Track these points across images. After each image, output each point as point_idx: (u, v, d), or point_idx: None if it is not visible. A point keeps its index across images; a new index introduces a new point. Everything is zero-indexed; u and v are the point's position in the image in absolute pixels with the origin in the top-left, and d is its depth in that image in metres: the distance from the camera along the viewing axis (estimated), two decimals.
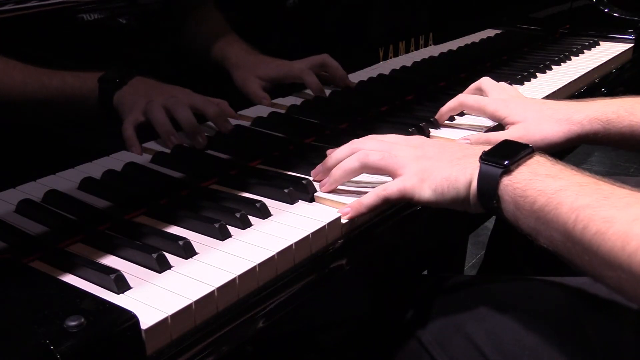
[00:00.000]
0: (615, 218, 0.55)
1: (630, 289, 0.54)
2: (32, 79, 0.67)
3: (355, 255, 0.72)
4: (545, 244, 0.63)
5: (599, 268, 0.57)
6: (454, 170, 0.70)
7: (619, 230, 0.54)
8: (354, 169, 0.75)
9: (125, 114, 0.77)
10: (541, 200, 0.62)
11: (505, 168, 0.66)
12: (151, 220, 0.71)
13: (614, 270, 0.54)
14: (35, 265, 0.62)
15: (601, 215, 0.56)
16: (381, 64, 1.12)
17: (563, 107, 0.93)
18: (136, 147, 0.80)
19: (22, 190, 0.71)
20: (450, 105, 0.99)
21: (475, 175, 0.68)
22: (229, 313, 0.59)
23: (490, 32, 1.42)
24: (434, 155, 0.73)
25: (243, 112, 0.94)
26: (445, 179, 0.70)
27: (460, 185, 0.70)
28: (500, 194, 0.66)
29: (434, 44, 1.22)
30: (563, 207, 0.59)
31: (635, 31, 1.57)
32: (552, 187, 0.62)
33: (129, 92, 0.76)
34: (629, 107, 0.90)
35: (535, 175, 0.64)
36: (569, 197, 0.60)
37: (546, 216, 0.61)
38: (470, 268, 2.03)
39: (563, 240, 0.60)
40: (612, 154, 3.08)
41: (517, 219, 0.65)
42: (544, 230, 0.62)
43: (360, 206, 0.72)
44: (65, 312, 0.50)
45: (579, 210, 0.58)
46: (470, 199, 0.70)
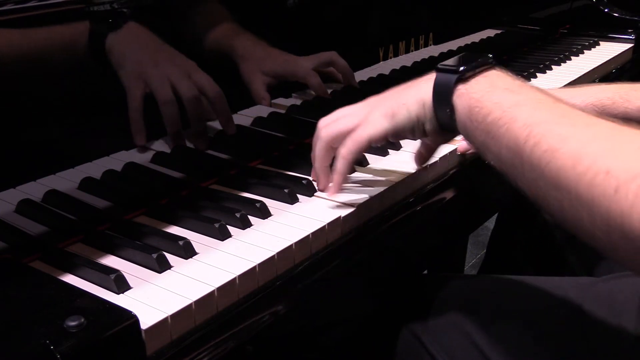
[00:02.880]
0: (571, 136, 0.52)
1: (571, 210, 0.51)
2: (16, 35, 0.63)
3: (356, 255, 0.72)
4: (492, 160, 0.61)
5: (543, 188, 0.54)
6: (405, 92, 0.69)
7: (572, 148, 0.51)
8: (323, 148, 0.73)
9: (125, 72, 0.72)
10: (495, 113, 0.59)
11: (460, 74, 0.64)
12: (151, 220, 0.71)
13: (558, 191, 0.51)
14: (35, 265, 0.62)
15: (556, 132, 0.53)
16: (381, 64, 1.12)
17: (557, 93, 0.93)
18: (141, 134, 0.77)
19: (22, 190, 0.71)
20: None
21: (429, 90, 0.66)
22: (229, 313, 0.59)
23: (490, 32, 1.42)
24: (385, 95, 0.72)
25: (243, 112, 0.94)
26: (395, 102, 0.69)
27: (412, 102, 0.68)
28: (454, 102, 0.64)
29: (434, 44, 1.22)
30: (517, 122, 0.57)
31: (635, 31, 1.57)
32: (509, 101, 0.59)
33: (125, 39, 0.71)
34: (624, 94, 0.90)
35: (493, 88, 0.62)
36: (524, 112, 0.57)
37: (498, 130, 0.58)
38: (470, 268, 2.03)
39: (511, 157, 0.57)
40: None
41: (468, 130, 0.63)
42: (493, 146, 0.59)
43: (337, 175, 0.71)
44: (65, 312, 0.50)
45: (532, 126, 0.55)
46: (425, 115, 0.67)
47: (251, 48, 0.89)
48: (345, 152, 0.71)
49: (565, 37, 1.63)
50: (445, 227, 0.90)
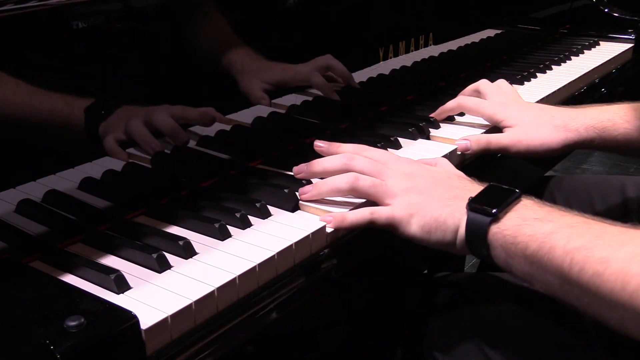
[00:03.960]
0: (612, 258, 0.54)
1: (634, 327, 0.54)
2: (22, 100, 0.66)
3: (356, 255, 0.72)
4: (541, 288, 0.62)
5: (599, 309, 0.56)
6: (444, 212, 0.69)
7: (616, 270, 0.53)
8: (341, 190, 0.73)
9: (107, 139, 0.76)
10: (533, 246, 0.61)
11: (493, 216, 0.65)
12: (151, 220, 0.71)
13: (615, 311, 0.54)
14: (35, 265, 0.62)
15: (597, 256, 0.55)
16: (381, 64, 1.12)
17: (560, 113, 0.94)
18: (121, 154, 0.77)
19: (22, 190, 0.71)
20: (449, 106, 0.99)
21: (463, 221, 0.67)
22: (229, 313, 0.59)
23: (490, 32, 1.42)
24: (424, 189, 0.71)
25: (243, 112, 0.94)
26: (434, 219, 0.69)
27: (448, 229, 0.69)
28: (489, 242, 0.65)
29: (434, 44, 1.22)
30: (556, 251, 0.59)
31: (635, 31, 1.57)
32: (543, 231, 0.61)
33: (113, 123, 0.74)
34: (624, 115, 0.91)
35: (524, 220, 0.63)
36: (561, 239, 0.59)
37: (540, 261, 0.60)
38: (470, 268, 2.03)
39: (560, 283, 0.59)
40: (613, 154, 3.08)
41: (510, 265, 0.65)
42: (539, 275, 0.61)
43: (344, 221, 0.70)
44: (65, 312, 0.50)
45: (573, 252, 0.57)
46: (456, 243, 0.69)
47: (249, 63, 0.90)
48: (373, 218, 0.70)
49: (565, 37, 1.63)
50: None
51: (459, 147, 0.90)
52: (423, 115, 1.01)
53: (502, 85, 1.04)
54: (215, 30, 0.88)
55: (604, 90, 1.35)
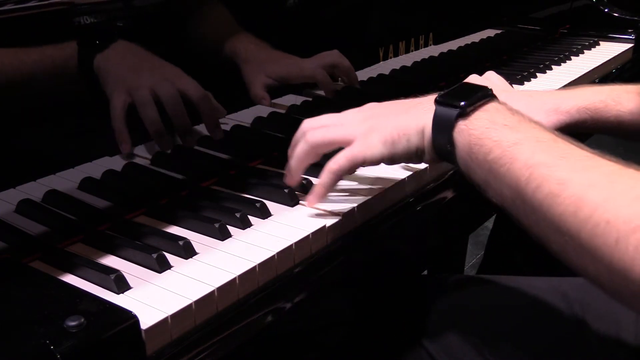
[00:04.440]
0: (571, 181, 0.52)
1: (575, 255, 0.52)
2: (7, 57, 0.64)
3: (356, 255, 0.72)
4: (493, 197, 0.60)
5: (545, 230, 0.54)
6: (404, 117, 0.67)
7: (573, 194, 0.51)
8: (305, 151, 0.71)
9: (110, 86, 0.72)
10: (496, 152, 0.58)
11: (461, 109, 0.62)
12: (151, 220, 0.71)
13: (561, 235, 0.52)
14: (35, 265, 0.62)
15: (556, 176, 0.53)
16: (381, 64, 1.12)
17: (550, 97, 0.93)
18: (126, 142, 0.75)
19: (22, 190, 0.71)
20: None
21: (429, 119, 0.65)
22: (229, 313, 0.59)
23: (490, 32, 1.42)
24: (382, 112, 0.70)
25: (243, 112, 0.94)
26: (395, 127, 0.67)
27: (412, 132, 0.66)
28: (454, 138, 0.63)
29: (434, 44, 1.22)
30: (517, 163, 0.56)
31: (635, 31, 1.57)
32: (509, 140, 0.58)
33: (111, 57, 0.71)
34: (616, 97, 0.90)
35: (493, 124, 0.61)
36: (525, 152, 0.56)
37: (499, 169, 0.58)
38: (470, 268, 2.03)
39: (513, 196, 0.57)
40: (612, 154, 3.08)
41: (469, 167, 0.62)
42: (495, 184, 0.59)
43: (319, 187, 0.69)
44: (65, 312, 0.50)
45: (533, 167, 0.55)
46: (424, 146, 0.66)
47: (254, 51, 0.89)
48: (336, 167, 0.69)
49: (565, 37, 1.63)
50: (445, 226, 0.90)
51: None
52: None
53: (490, 77, 1.04)
54: (217, 21, 0.87)
55: None
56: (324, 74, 0.98)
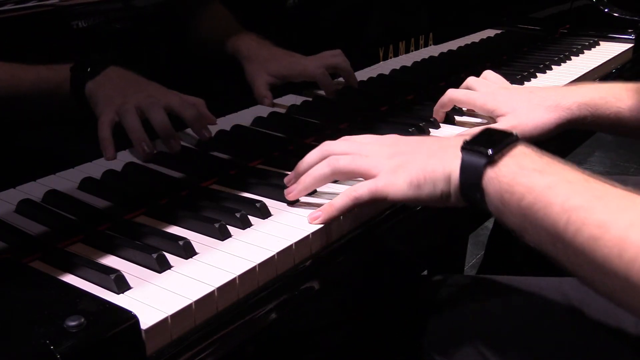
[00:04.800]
0: (611, 222, 0.52)
1: (624, 296, 0.52)
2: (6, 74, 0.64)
3: (357, 255, 0.72)
4: (531, 241, 0.60)
5: (591, 273, 0.54)
6: (431, 161, 0.66)
7: (615, 236, 0.51)
8: (324, 174, 0.71)
9: (99, 108, 0.73)
10: (529, 198, 0.58)
11: (489, 158, 0.61)
12: (151, 220, 0.71)
13: (608, 278, 0.52)
14: (35, 265, 0.62)
15: (595, 219, 0.53)
16: (381, 64, 1.12)
17: (551, 93, 0.93)
18: (110, 149, 0.76)
19: (22, 190, 0.71)
20: (442, 101, 0.99)
21: (456, 166, 0.64)
22: (229, 313, 0.59)
23: (490, 32, 1.42)
24: (408, 150, 0.69)
25: (243, 112, 0.94)
26: (422, 170, 0.66)
27: (439, 177, 0.65)
28: (484, 186, 0.62)
29: (434, 44, 1.22)
30: (553, 207, 0.56)
31: (635, 31, 1.57)
32: (541, 184, 0.58)
33: (102, 83, 0.72)
34: (616, 93, 0.90)
35: (522, 169, 0.60)
36: (559, 196, 0.56)
37: (534, 215, 0.58)
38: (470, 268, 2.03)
39: (552, 240, 0.57)
40: (612, 154, 3.08)
41: (502, 214, 0.62)
42: (532, 229, 0.59)
43: (332, 208, 0.68)
44: (65, 312, 0.50)
45: (570, 211, 0.55)
46: (450, 192, 0.66)
47: (256, 49, 0.89)
48: (356, 195, 0.68)
49: (565, 37, 1.63)
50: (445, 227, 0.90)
51: None
52: (423, 115, 1.01)
53: (488, 75, 1.04)
54: (219, 20, 0.87)
55: None
56: (325, 75, 0.98)
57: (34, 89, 0.67)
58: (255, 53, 0.88)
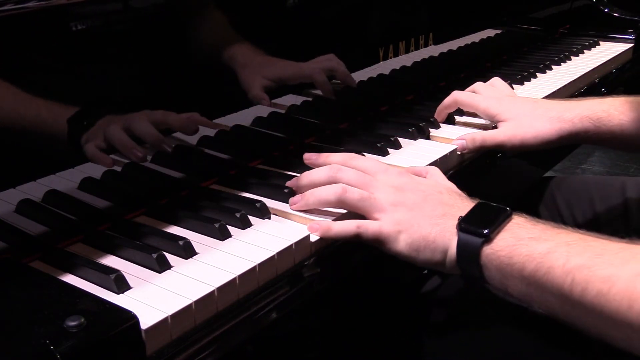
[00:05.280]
0: (616, 276, 0.53)
1: None
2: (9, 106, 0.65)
3: (356, 255, 0.72)
4: (540, 308, 0.61)
5: (604, 329, 0.55)
6: (433, 231, 0.67)
7: (622, 289, 0.52)
8: (329, 201, 0.71)
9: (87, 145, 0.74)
10: (530, 266, 0.59)
11: (486, 237, 0.63)
12: (151, 220, 0.71)
13: (622, 330, 0.53)
14: (35, 265, 0.62)
15: (599, 275, 0.54)
16: (381, 64, 1.12)
17: (555, 105, 0.94)
18: (104, 160, 0.75)
19: (22, 190, 0.71)
20: (446, 103, 1.00)
21: (453, 242, 0.65)
22: (229, 313, 0.59)
23: (490, 32, 1.42)
24: (414, 205, 0.69)
25: (243, 112, 0.94)
26: (423, 237, 0.67)
27: (437, 248, 0.66)
28: (482, 263, 0.63)
29: (434, 44, 1.22)
30: (556, 271, 0.57)
31: (635, 31, 1.57)
32: (539, 251, 0.59)
33: (95, 131, 0.73)
34: (619, 106, 0.91)
35: (519, 240, 0.61)
36: (560, 259, 0.57)
37: (538, 281, 0.59)
38: None
39: (561, 303, 0.58)
40: (612, 154, 3.08)
41: (506, 286, 0.63)
42: (538, 296, 0.60)
43: (329, 231, 0.68)
44: (65, 312, 0.50)
45: (573, 271, 0.56)
46: (446, 263, 0.67)
47: (251, 56, 0.89)
48: (360, 234, 0.68)
49: (565, 37, 1.63)
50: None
51: (459, 147, 0.90)
52: (423, 115, 1.01)
53: (495, 82, 1.05)
54: (215, 26, 0.88)
55: (604, 90, 1.35)
56: (321, 75, 0.98)
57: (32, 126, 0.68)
58: (250, 60, 0.89)
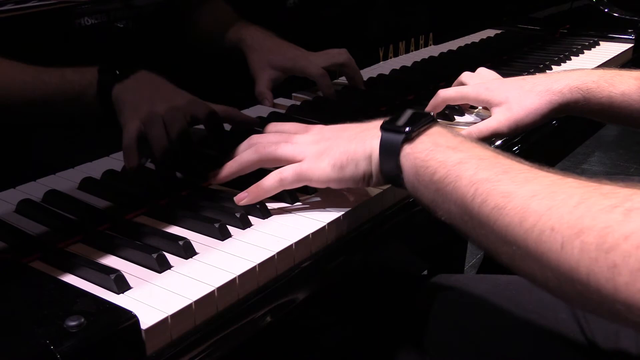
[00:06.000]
0: (514, 193, 0.54)
1: (523, 263, 0.54)
2: (31, 77, 0.66)
3: (356, 255, 0.72)
4: (442, 216, 0.62)
5: (494, 242, 0.56)
6: (353, 143, 0.69)
7: (517, 205, 0.53)
8: (251, 160, 0.73)
9: (124, 115, 0.74)
10: (441, 172, 0.61)
11: (406, 135, 0.65)
12: (151, 220, 0.71)
13: (509, 245, 0.54)
14: (35, 265, 0.62)
15: (500, 190, 0.55)
16: (381, 64, 1.12)
17: (542, 78, 0.94)
18: (133, 159, 0.76)
19: (22, 190, 0.71)
20: (433, 102, 0.98)
21: (376, 145, 0.67)
22: (229, 313, 0.59)
23: (490, 32, 1.42)
24: (332, 135, 0.72)
25: (243, 111, 0.94)
26: (344, 152, 0.69)
27: (360, 157, 0.69)
28: (401, 162, 0.66)
29: (434, 44, 1.22)
30: (462, 180, 0.59)
31: (635, 31, 1.57)
32: (453, 159, 0.61)
33: (129, 88, 0.73)
34: (609, 78, 0.90)
35: (437, 146, 0.63)
36: (469, 170, 0.59)
37: (445, 188, 0.60)
38: (470, 268, 2.03)
39: (460, 213, 0.59)
40: (612, 154, 3.08)
41: (417, 189, 0.65)
42: (442, 203, 0.61)
43: (258, 189, 0.71)
44: (65, 312, 0.50)
45: (478, 183, 0.57)
46: (372, 171, 0.69)
47: (261, 38, 0.89)
48: (281, 176, 0.71)
49: (565, 37, 1.63)
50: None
51: None
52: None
53: (481, 71, 1.05)
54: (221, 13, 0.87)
55: None
56: (325, 76, 0.98)
57: (58, 91, 0.68)
58: (259, 43, 0.89)
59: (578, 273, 0.48)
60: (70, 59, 0.71)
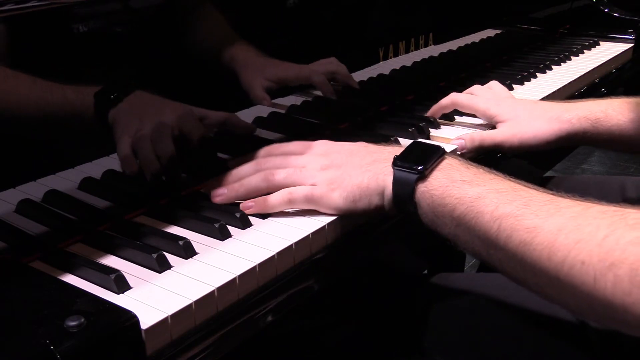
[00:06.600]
0: (539, 228, 0.55)
1: (555, 293, 0.55)
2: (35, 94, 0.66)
3: (356, 255, 0.72)
4: (465, 249, 0.63)
5: (522, 275, 0.57)
6: (365, 177, 0.69)
7: (544, 240, 0.54)
8: (259, 188, 0.72)
9: (117, 134, 0.74)
10: (461, 209, 0.61)
11: (420, 174, 0.65)
12: (151, 220, 0.71)
13: (538, 278, 0.55)
14: (35, 265, 0.62)
15: (524, 225, 0.56)
16: (381, 64, 1.12)
17: (553, 106, 0.95)
18: (132, 166, 0.75)
19: (22, 190, 0.71)
20: (443, 103, 1.00)
21: (389, 181, 0.67)
22: (229, 313, 0.59)
23: (490, 32, 1.42)
24: (342, 162, 0.72)
25: (243, 112, 0.93)
26: (357, 186, 0.69)
27: (373, 192, 0.69)
28: (417, 200, 0.66)
29: (434, 44, 1.22)
30: (484, 216, 0.59)
31: (635, 31, 1.57)
32: (471, 194, 0.61)
33: (124, 109, 0.73)
34: (617, 107, 0.91)
35: (452, 182, 0.64)
36: (489, 205, 0.59)
37: (467, 224, 0.61)
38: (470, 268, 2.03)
39: (486, 247, 0.60)
40: (612, 154, 3.08)
41: (436, 225, 0.65)
42: (465, 237, 0.62)
43: (265, 204, 0.70)
44: (65, 312, 0.50)
45: (500, 219, 0.58)
46: (385, 205, 0.69)
47: (253, 57, 0.90)
48: (291, 198, 0.70)
49: (565, 37, 1.63)
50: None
51: (459, 147, 0.90)
52: (423, 115, 1.01)
53: (493, 85, 1.05)
54: (216, 27, 0.88)
55: (604, 90, 1.35)
56: (321, 77, 0.99)
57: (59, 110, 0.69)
58: (252, 61, 0.89)
59: (613, 304, 0.49)
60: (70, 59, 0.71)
